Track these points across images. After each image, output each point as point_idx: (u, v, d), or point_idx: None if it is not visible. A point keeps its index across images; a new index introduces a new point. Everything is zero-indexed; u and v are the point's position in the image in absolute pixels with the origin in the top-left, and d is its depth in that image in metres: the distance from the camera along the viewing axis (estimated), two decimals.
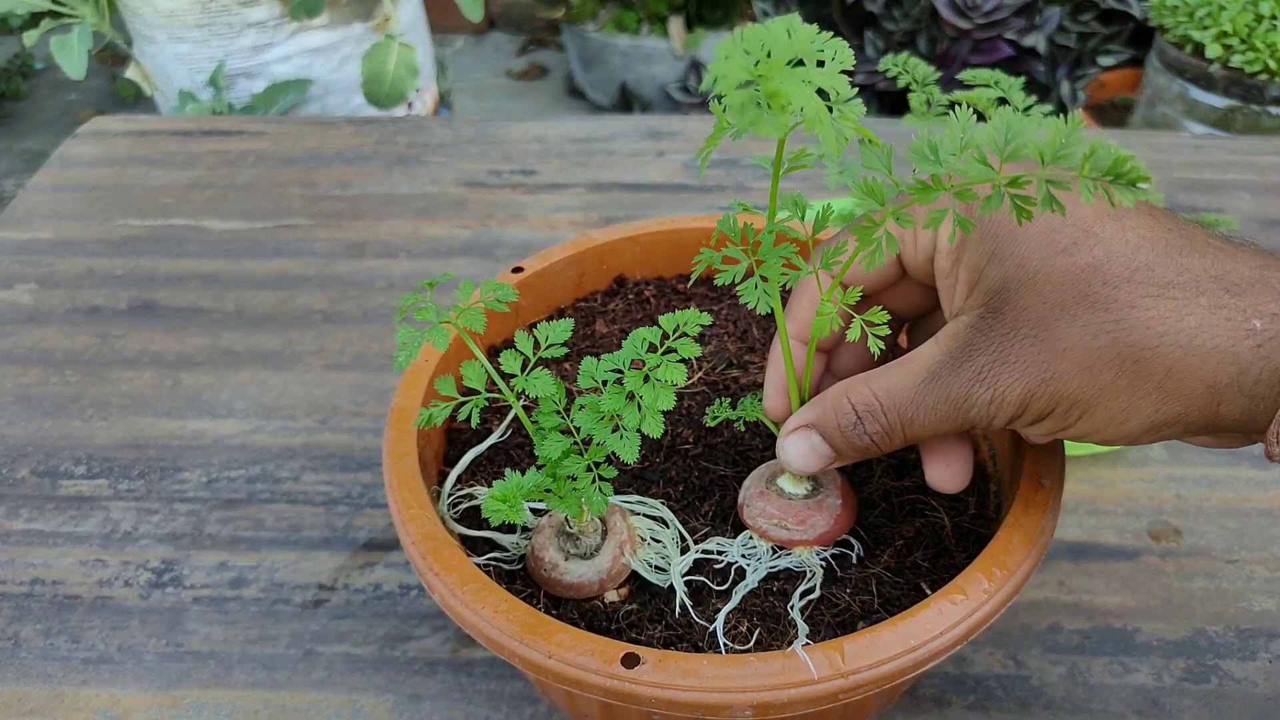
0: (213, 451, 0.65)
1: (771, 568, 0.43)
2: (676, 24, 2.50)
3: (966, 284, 0.37)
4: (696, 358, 0.47)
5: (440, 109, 2.00)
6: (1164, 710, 0.49)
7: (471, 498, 0.47)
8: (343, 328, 0.75)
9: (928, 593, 0.42)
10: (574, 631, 0.37)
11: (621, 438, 0.37)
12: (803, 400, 0.41)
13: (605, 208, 0.87)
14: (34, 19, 1.59)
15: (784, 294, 0.42)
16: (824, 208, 0.37)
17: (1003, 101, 0.57)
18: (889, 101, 1.99)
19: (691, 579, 0.43)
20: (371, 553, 0.58)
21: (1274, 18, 1.73)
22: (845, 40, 0.29)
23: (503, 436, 0.50)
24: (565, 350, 0.41)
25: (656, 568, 0.43)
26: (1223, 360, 0.32)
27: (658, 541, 0.44)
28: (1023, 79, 0.58)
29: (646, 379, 0.36)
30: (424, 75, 1.81)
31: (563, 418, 0.39)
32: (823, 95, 0.28)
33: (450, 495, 0.47)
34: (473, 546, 0.45)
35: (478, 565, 0.41)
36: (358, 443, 0.65)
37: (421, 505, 0.42)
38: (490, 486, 0.41)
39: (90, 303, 0.79)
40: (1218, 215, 0.60)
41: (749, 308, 0.35)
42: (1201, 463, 0.62)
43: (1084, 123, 0.28)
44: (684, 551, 0.44)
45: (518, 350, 0.40)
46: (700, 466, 0.48)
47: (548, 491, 0.39)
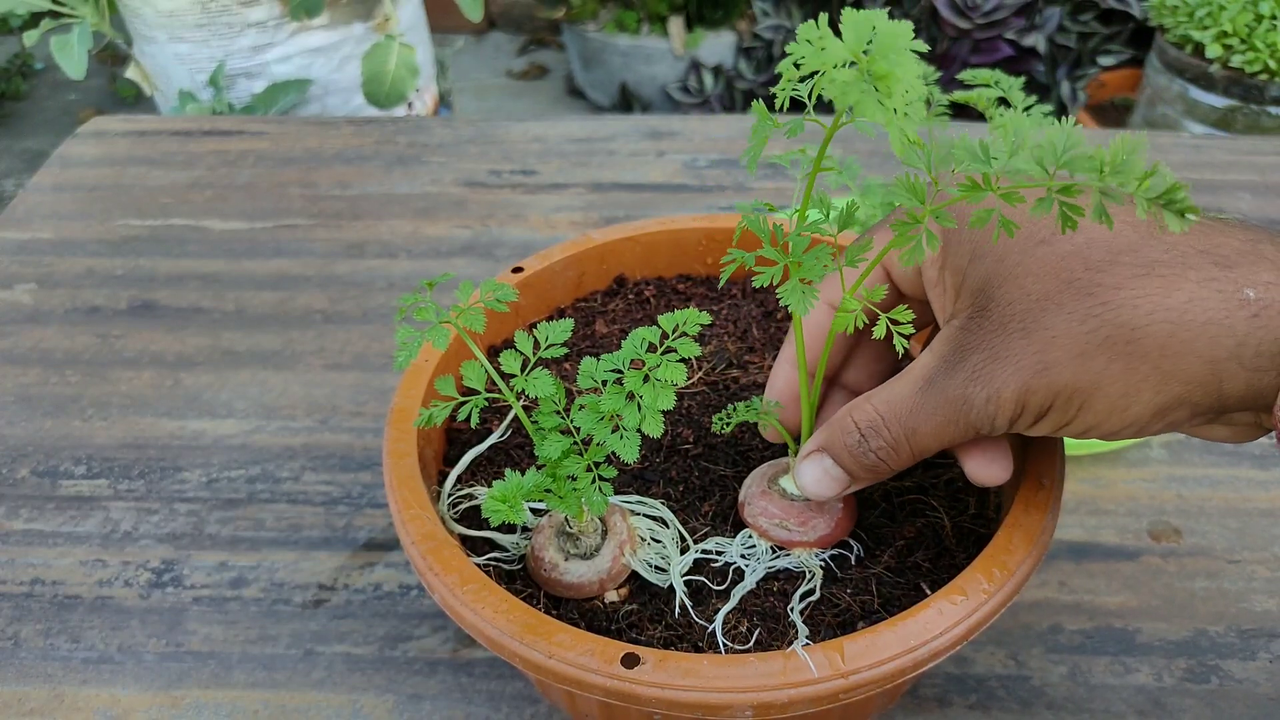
0: (213, 451, 0.65)
1: (770, 568, 0.43)
2: (676, 24, 2.51)
3: (953, 288, 0.37)
4: (696, 357, 0.47)
5: (440, 109, 2.00)
6: (1165, 710, 0.49)
7: (471, 498, 0.47)
8: (343, 328, 0.75)
9: (928, 593, 0.42)
10: (574, 631, 0.37)
11: (621, 438, 0.37)
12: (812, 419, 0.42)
13: (605, 208, 0.87)
14: (34, 19, 1.59)
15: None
16: (848, 204, 0.36)
17: (1003, 102, 0.57)
18: None
19: (691, 579, 0.43)
20: (371, 553, 0.58)
21: (1274, 18, 1.73)
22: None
23: (503, 436, 0.50)
24: (565, 350, 0.41)
25: (656, 568, 0.43)
26: (1218, 333, 0.31)
27: (658, 541, 0.44)
28: (1023, 79, 0.58)
29: (646, 379, 0.36)
30: (424, 75, 1.81)
31: (562, 418, 0.39)
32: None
33: (450, 495, 0.47)
34: (473, 546, 0.45)
35: (478, 565, 0.41)
36: (358, 443, 0.65)
37: (421, 505, 0.42)
38: (490, 486, 0.41)
39: (90, 303, 0.79)
40: (1218, 214, 0.60)
41: (782, 305, 0.34)
42: (1202, 463, 0.62)
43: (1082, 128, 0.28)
44: (684, 551, 0.44)
45: (518, 350, 0.40)
46: (700, 466, 0.48)
47: (548, 492, 0.39)
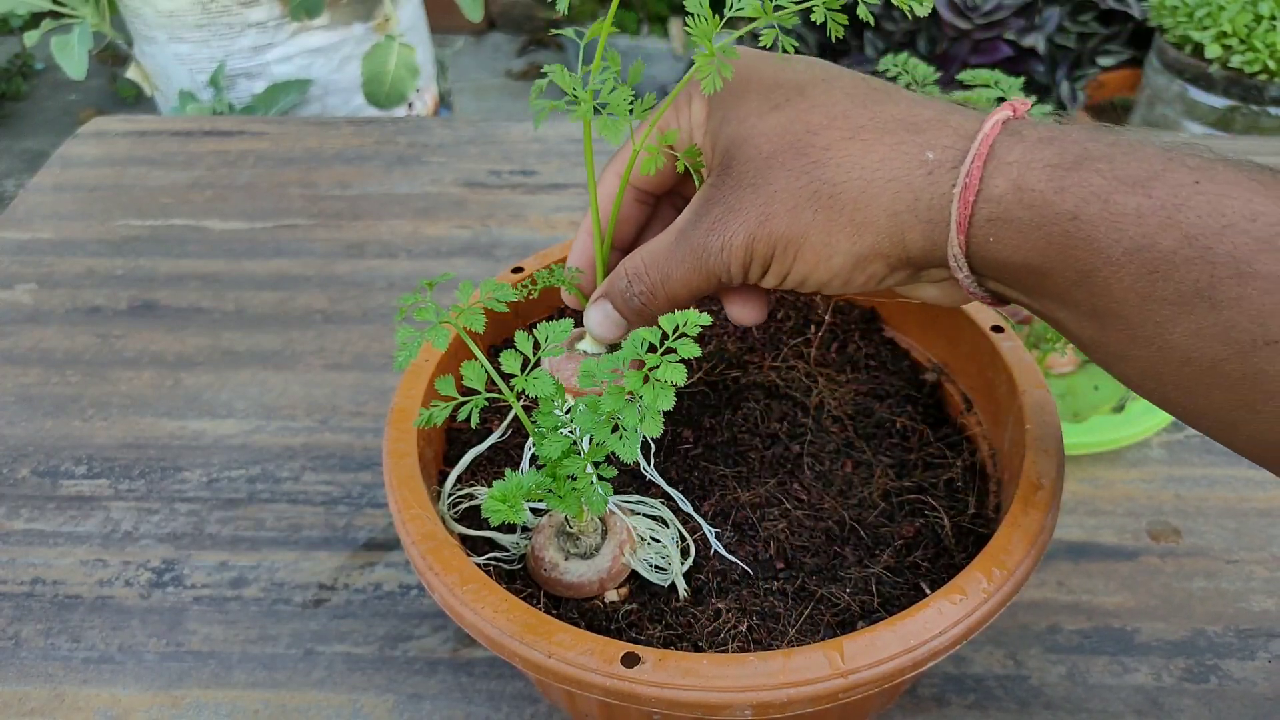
0: (213, 451, 0.65)
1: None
2: (676, 24, 2.51)
3: (709, 149, 0.40)
4: (696, 358, 0.47)
5: (440, 109, 2.00)
6: (1163, 710, 0.49)
7: (471, 498, 0.47)
8: (343, 328, 0.75)
9: (927, 592, 0.42)
10: (574, 631, 0.37)
11: (621, 438, 0.37)
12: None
13: None
14: (34, 19, 1.59)
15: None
16: (636, 63, 0.40)
17: (1002, 101, 0.57)
18: None
19: (692, 578, 0.43)
20: (372, 552, 0.58)
21: (1273, 18, 1.73)
22: (846, 40, 0.29)
23: (503, 436, 0.50)
24: (565, 350, 0.41)
25: (656, 567, 0.43)
26: (900, 189, 0.35)
27: (657, 541, 0.44)
28: (1022, 79, 0.58)
29: (646, 379, 0.36)
30: (424, 75, 1.81)
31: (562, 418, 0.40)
32: None
33: (450, 495, 0.47)
34: (473, 546, 0.45)
35: (478, 565, 0.41)
36: (358, 443, 0.65)
37: (421, 505, 0.42)
38: (490, 486, 0.41)
39: (91, 303, 0.79)
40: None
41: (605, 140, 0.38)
42: (1201, 463, 0.62)
43: None
44: (684, 552, 0.44)
45: (517, 350, 0.40)
46: (700, 466, 0.48)
47: (548, 491, 0.39)
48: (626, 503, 0.45)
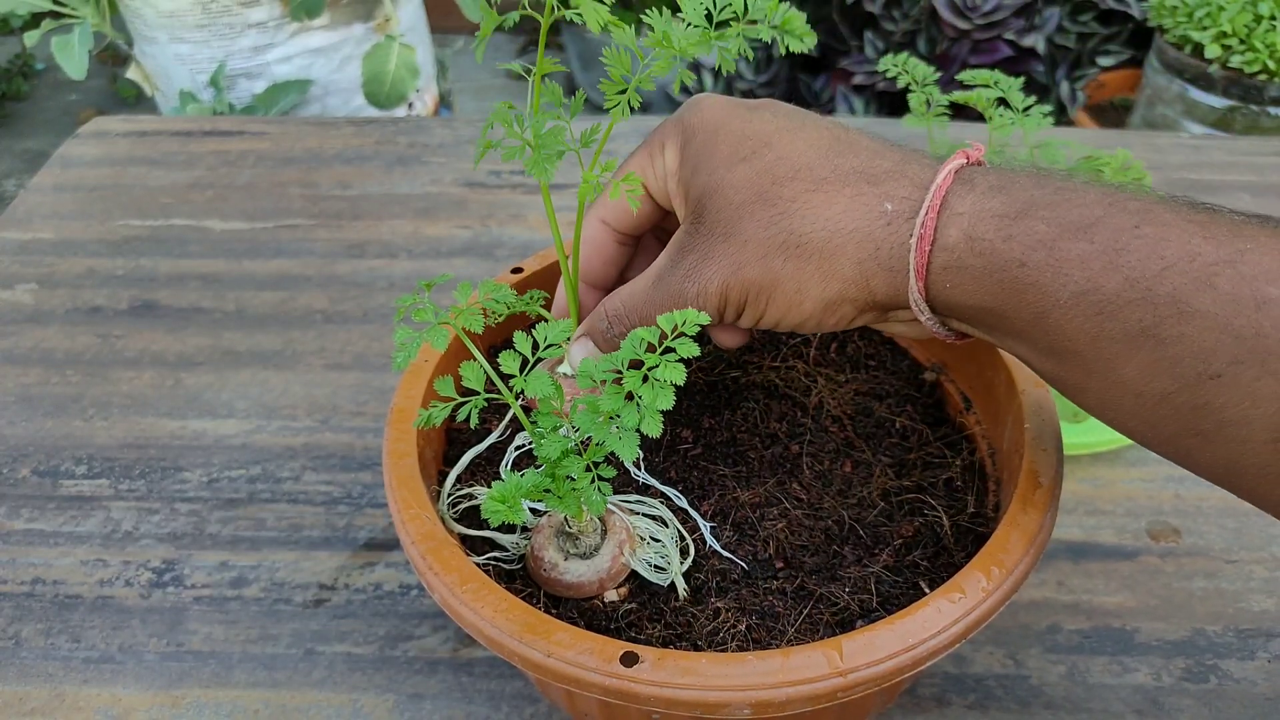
0: (213, 451, 0.65)
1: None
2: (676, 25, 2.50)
3: (682, 198, 0.42)
4: (695, 357, 0.48)
5: (440, 109, 2.00)
6: (1163, 710, 0.49)
7: (471, 498, 0.47)
8: (343, 328, 0.75)
9: (926, 591, 0.42)
10: (573, 630, 0.37)
11: (620, 438, 0.37)
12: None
13: None
14: (35, 19, 1.60)
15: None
16: (577, 94, 0.42)
17: (1002, 102, 0.58)
18: (888, 101, 2.00)
19: (691, 578, 0.43)
20: (372, 552, 0.58)
21: (1273, 18, 1.73)
22: (845, 40, 0.29)
23: (502, 436, 0.50)
24: (562, 350, 0.41)
25: (656, 567, 0.43)
26: (862, 239, 0.37)
27: (657, 541, 0.44)
28: (1022, 79, 0.58)
29: (645, 379, 0.36)
30: (424, 76, 1.81)
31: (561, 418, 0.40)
32: None
33: (450, 495, 0.47)
34: (472, 546, 0.45)
35: (477, 565, 0.41)
36: (358, 443, 0.65)
37: (421, 505, 0.42)
38: (489, 486, 0.41)
39: (91, 303, 0.79)
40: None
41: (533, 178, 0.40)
42: None
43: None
44: (684, 551, 0.44)
45: (516, 351, 0.40)
46: (700, 466, 0.48)
47: (547, 492, 0.39)
48: (626, 502, 0.45)
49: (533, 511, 0.46)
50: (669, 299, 0.41)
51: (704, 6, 0.39)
